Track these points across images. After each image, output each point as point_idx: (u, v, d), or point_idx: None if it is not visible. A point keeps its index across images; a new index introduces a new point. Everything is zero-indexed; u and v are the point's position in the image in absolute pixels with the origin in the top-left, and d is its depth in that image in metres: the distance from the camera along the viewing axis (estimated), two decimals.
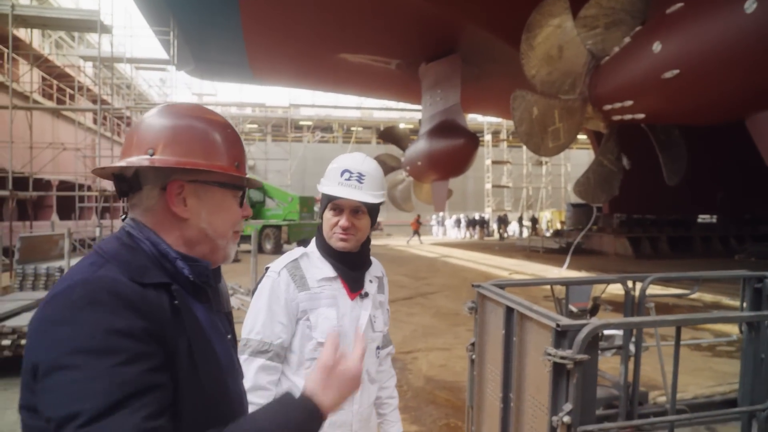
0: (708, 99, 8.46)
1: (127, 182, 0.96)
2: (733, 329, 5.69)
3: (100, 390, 0.73)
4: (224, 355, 0.99)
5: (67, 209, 18.70)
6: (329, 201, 1.65)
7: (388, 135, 21.07)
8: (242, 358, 1.51)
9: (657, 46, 8.71)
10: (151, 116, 0.98)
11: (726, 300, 9.15)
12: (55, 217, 18.84)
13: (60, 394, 0.74)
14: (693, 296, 7.83)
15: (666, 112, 9.73)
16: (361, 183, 1.62)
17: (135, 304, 0.82)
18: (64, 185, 18.08)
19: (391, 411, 1.94)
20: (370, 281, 1.75)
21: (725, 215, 21.36)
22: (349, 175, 1.62)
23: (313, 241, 1.76)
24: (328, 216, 1.67)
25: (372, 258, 1.81)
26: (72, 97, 20.17)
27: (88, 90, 20.74)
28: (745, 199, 19.70)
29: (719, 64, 7.71)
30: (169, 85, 22.53)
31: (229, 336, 1.07)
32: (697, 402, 3.73)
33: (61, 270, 6.55)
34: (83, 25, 13.53)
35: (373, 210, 1.69)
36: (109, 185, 15.94)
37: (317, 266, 1.67)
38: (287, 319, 1.59)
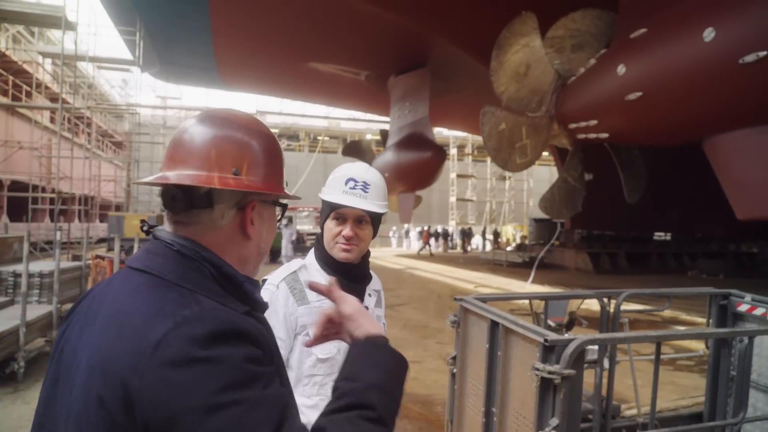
0: (668, 121, 8.83)
1: (192, 198, 0.88)
2: (697, 344, 5.90)
3: (264, 417, 0.73)
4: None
5: (18, 210, 17.87)
6: (332, 210, 1.61)
7: (352, 149, 21.13)
8: None
9: (621, 69, 9.05)
10: (221, 126, 0.91)
11: (683, 315, 9.49)
12: (5, 218, 18.01)
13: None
14: (662, 311, 8.08)
15: (628, 133, 10.09)
16: (366, 192, 1.59)
17: (248, 334, 0.80)
18: (16, 186, 17.30)
19: None
20: (369, 295, 1.71)
21: (679, 233, 22.23)
22: (354, 183, 1.59)
23: (311, 252, 1.71)
24: (331, 226, 1.62)
25: (371, 272, 1.77)
26: (28, 95, 19.37)
27: (47, 88, 19.98)
28: (699, 218, 20.58)
29: (679, 88, 8.06)
30: (132, 87, 21.95)
31: None
32: (665, 416, 3.84)
33: (15, 274, 6.22)
34: (47, 20, 13.04)
35: (376, 220, 1.66)
36: (64, 186, 15.36)
37: (316, 279, 1.61)
38: (286, 334, 1.53)
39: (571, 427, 2.13)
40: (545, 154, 22.99)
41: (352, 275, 1.65)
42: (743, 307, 3.34)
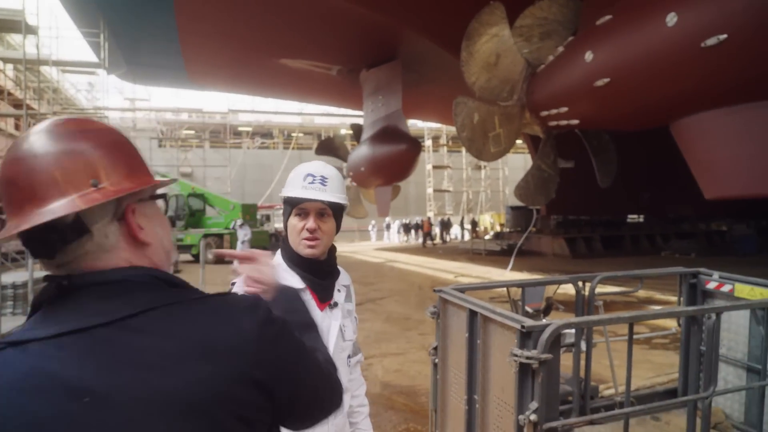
0: (635, 106, 8.99)
1: (64, 232, 0.76)
2: (671, 322, 6.07)
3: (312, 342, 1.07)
4: None
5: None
6: (293, 206, 1.63)
7: (325, 147, 21.01)
8: None
9: (589, 56, 9.18)
10: (52, 138, 0.77)
11: (658, 295, 9.73)
12: None
13: (311, 361, 0.97)
14: (624, 290, 8.27)
15: (598, 118, 10.25)
16: (325, 186, 1.62)
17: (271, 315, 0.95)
18: None
19: (362, 419, 1.94)
20: (338, 290, 1.73)
21: (651, 215, 22.73)
22: (312, 178, 1.61)
23: (278, 253, 1.71)
24: (294, 222, 1.64)
25: (339, 267, 1.79)
26: None
27: (9, 94, 19.40)
28: (670, 200, 21.07)
29: (645, 73, 8.22)
30: (99, 90, 21.46)
31: None
32: (641, 393, 3.95)
33: None
34: (6, 25, 12.66)
35: (337, 213, 1.69)
36: None
37: (285, 278, 1.59)
38: None
39: (550, 409, 2.19)
40: (519, 142, 23.26)
41: (320, 271, 1.67)
42: (711, 285, 3.46)
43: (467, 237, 28.55)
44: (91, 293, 0.78)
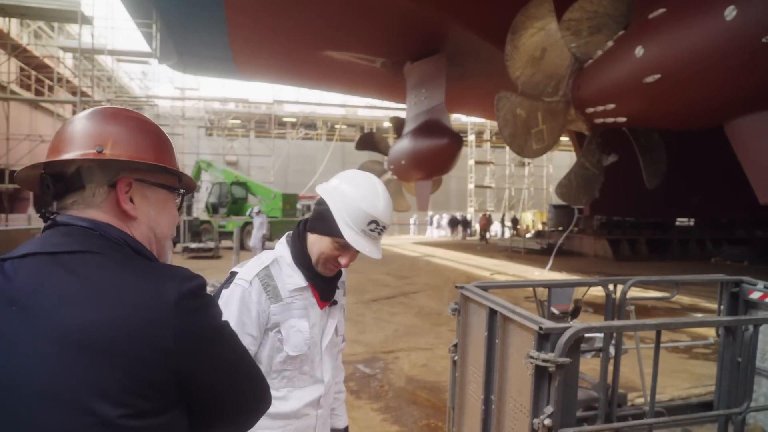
0: (688, 104, 8.59)
1: (65, 181, 0.92)
2: (710, 332, 5.80)
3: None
4: None
5: (45, 202, 18.26)
6: (339, 237, 1.51)
7: (366, 142, 21.01)
8: None
9: (639, 51, 8.83)
10: (88, 116, 0.97)
11: (703, 303, 9.31)
12: (31, 209, 18.47)
13: (233, 339, 0.98)
14: (671, 299, 7.94)
15: (647, 116, 9.87)
16: (381, 234, 1.54)
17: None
18: None
19: (339, 405, 1.92)
20: (337, 287, 1.71)
21: (703, 219, 21.76)
22: (376, 226, 1.51)
23: (283, 246, 1.64)
24: (331, 248, 1.54)
25: None
26: (51, 89, 19.72)
27: (68, 82, 20.32)
28: (723, 203, 20.07)
29: (699, 69, 7.84)
30: (151, 79, 22.19)
31: None
32: (674, 404, 3.79)
33: None
34: (63, 15, 13.24)
35: None
36: None
37: (288, 274, 1.58)
38: (257, 331, 1.50)
39: (566, 414, 2.12)
40: (565, 139, 22.69)
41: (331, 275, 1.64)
42: (755, 295, 3.26)
43: (507, 234, 28.12)
44: (60, 230, 0.91)
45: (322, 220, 1.54)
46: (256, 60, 21.43)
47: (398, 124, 20.93)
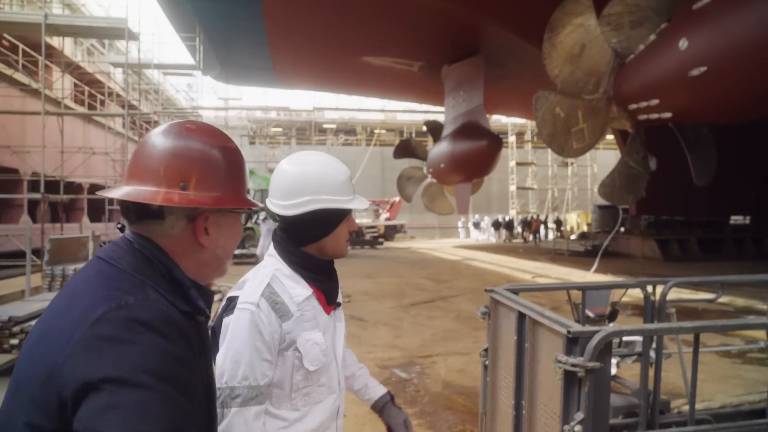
0: (737, 97, 8.21)
1: (144, 210, 0.94)
2: (763, 335, 5.49)
3: (168, 415, 0.76)
4: (209, 391, 1.01)
5: (98, 212, 19.17)
6: (346, 215, 1.53)
7: (403, 149, 20.94)
8: (232, 410, 1.31)
9: (683, 43, 8.50)
10: (171, 143, 0.95)
11: (759, 305, 8.84)
12: (85, 219, 19.39)
13: (129, 412, 0.73)
14: (723, 300, 7.60)
15: (693, 111, 9.48)
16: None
17: (184, 332, 0.86)
18: (95, 188, 18.59)
19: (367, 379, 1.84)
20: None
21: (760, 216, 20.68)
22: (350, 182, 1.58)
23: (272, 259, 1.54)
24: (344, 229, 1.55)
25: None
26: (102, 103, 20.70)
27: (118, 96, 21.26)
28: None
29: (748, 60, 7.47)
30: (196, 90, 22.97)
31: None
32: (724, 411, 3.61)
33: None
34: (111, 32, 13.85)
35: None
36: None
37: (291, 287, 1.48)
38: (271, 354, 1.40)
39: (598, 421, 2.05)
40: (610, 137, 22.04)
41: (332, 270, 1.60)
42: None
43: (551, 236, 27.52)
44: (117, 241, 0.97)
45: (320, 222, 1.49)
46: (296, 68, 21.84)
47: (433, 128, 20.86)
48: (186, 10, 15.92)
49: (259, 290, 1.42)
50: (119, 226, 1.01)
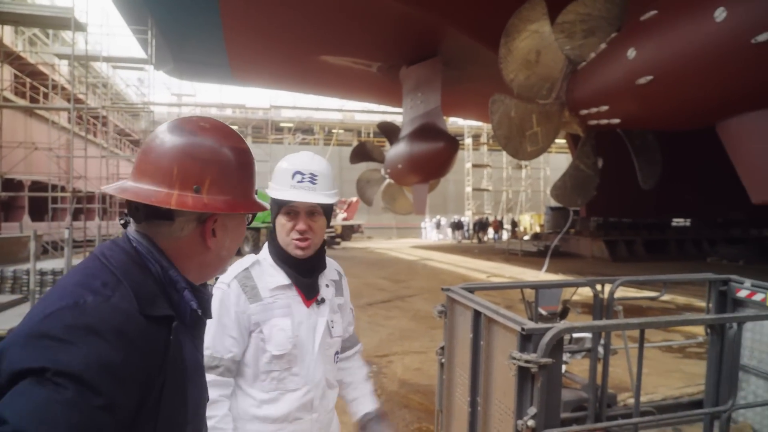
0: (680, 105, 8.62)
1: (153, 210, 0.91)
2: (702, 330, 5.80)
3: (70, 424, 0.71)
4: (194, 399, 0.95)
5: (39, 210, 18.27)
6: (281, 206, 1.57)
7: (359, 155, 20.96)
8: None
9: (631, 53, 8.87)
10: (182, 138, 0.92)
11: (698, 302, 9.32)
12: (26, 218, 18.43)
13: (32, 406, 0.70)
14: (666, 298, 7.96)
15: (640, 118, 9.90)
16: (314, 184, 1.55)
17: (135, 343, 0.80)
18: (37, 186, 17.70)
19: (366, 392, 1.87)
20: (327, 285, 1.68)
21: (699, 219, 21.79)
22: (302, 176, 1.54)
23: (266, 247, 1.67)
24: (283, 221, 1.58)
25: (328, 259, 1.73)
26: (46, 96, 19.74)
27: (63, 89, 20.33)
28: (718, 203, 20.11)
29: (690, 70, 7.87)
30: (147, 85, 22.24)
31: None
32: (666, 403, 3.79)
33: (29, 272, 6.39)
34: (57, 22, 13.24)
35: (328, 210, 1.63)
36: (80, 185, 15.66)
37: (270, 274, 1.58)
38: (238, 332, 1.51)
39: (550, 415, 2.12)
40: (562, 141, 22.73)
41: (304, 270, 1.61)
42: (743, 293, 3.27)
43: (505, 237, 28.14)
44: (119, 239, 0.95)
45: (272, 210, 1.59)
46: (253, 65, 21.48)
47: (387, 129, 21.03)
48: (137, 2, 15.40)
49: (234, 272, 1.55)
50: (122, 221, 0.99)
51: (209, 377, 1.43)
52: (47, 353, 0.73)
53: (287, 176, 1.55)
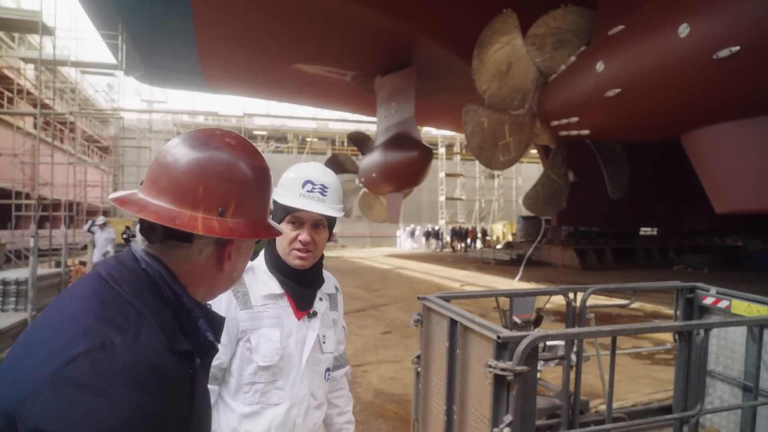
0: (646, 117, 8.89)
1: (171, 231, 0.83)
2: (670, 337, 5.94)
3: None
4: (206, 429, 0.91)
5: (3, 218, 17.67)
6: (287, 213, 1.52)
7: (332, 165, 20.99)
8: None
9: (600, 66, 9.11)
10: (207, 154, 0.84)
11: (665, 309, 9.56)
12: None
13: None
14: (634, 306, 8.14)
15: (609, 129, 10.16)
16: (324, 195, 1.52)
17: (172, 385, 0.75)
18: (0, 192, 17.14)
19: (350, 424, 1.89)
20: (321, 299, 1.64)
21: (666, 228, 22.39)
22: (312, 186, 1.51)
23: (262, 254, 1.62)
24: (287, 230, 1.53)
25: (326, 273, 1.69)
26: (11, 101, 19.18)
27: (29, 93, 19.79)
28: (685, 213, 20.72)
29: (656, 84, 8.13)
30: (117, 91, 21.80)
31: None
32: (636, 409, 3.86)
33: None
34: (24, 25, 12.92)
35: (331, 224, 1.59)
36: (46, 192, 15.23)
37: (263, 281, 1.54)
38: (227, 339, 1.47)
39: (525, 422, 2.14)
40: (534, 151, 23.13)
41: (303, 280, 1.57)
42: (708, 300, 3.37)
43: (479, 245, 28.42)
44: (123, 255, 0.88)
45: (275, 214, 1.55)
46: (226, 73, 21.31)
47: (358, 139, 21.15)
48: (107, 6, 15.12)
49: None
50: (125, 236, 0.95)
51: None
52: (83, 410, 0.67)
53: (297, 184, 1.51)
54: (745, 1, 6.80)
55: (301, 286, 1.57)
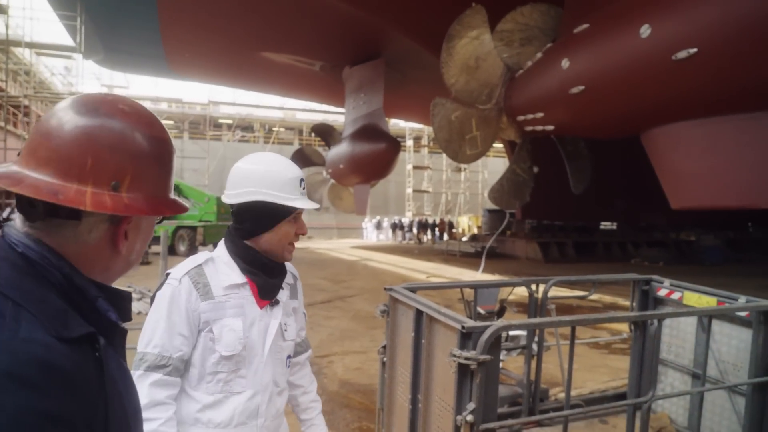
0: (608, 114, 9.14)
1: (55, 207, 0.72)
2: (627, 328, 6.17)
3: None
4: (132, 412, 0.82)
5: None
6: (289, 213, 1.54)
7: (299, 159, 20.81)
8: (137, 373, 1.38)
9: (565, 63, 9.30)
10: (98, 121, 0.75)
11: (622, 301, 9.89)
12: None
13: None
14: (594, 297, 8.39)
15: (572, 125, 10.39)
16: (305, 189, 1.61)
17: (68, 377, 0.66)
18: None
19: (316, 415, 1.89)
20: (282, 288, 1.66)
21: (625, 223, 23.10)
22: (303, 183, 1.58)
23: (221, 244, 1.61)
24: (288, 229, 1.56)
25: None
26: None
27: None
28: (643, 208, 21.40)
29: (618, 82, 8.36)
30: (75, 74, 21.00)
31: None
32: (593, 396, 4.01)
33: None
34: None
35: None
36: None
37: (224, 272, 1.54)
38: (189, 330, 1.46)
39: (487, 410, 2.20)
40: (500, 145, 23.47)
41: (272, 270, 1.59)
42: (663, 292, 3.52)
43: (445, 238, 28.71)
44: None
45: (266, 215, 1.53)
46: (191, 59, 20.77)
47: (322, 131, 21.06)
48: None
49: (186, 269, 1.51)
50: (2, 218, 0.79)
51: (156, 376, 1.40)
52: None
53: (295, 184, 1.55)
54: (703, 4, 7.04)
55: (271, 276, 1.59)
